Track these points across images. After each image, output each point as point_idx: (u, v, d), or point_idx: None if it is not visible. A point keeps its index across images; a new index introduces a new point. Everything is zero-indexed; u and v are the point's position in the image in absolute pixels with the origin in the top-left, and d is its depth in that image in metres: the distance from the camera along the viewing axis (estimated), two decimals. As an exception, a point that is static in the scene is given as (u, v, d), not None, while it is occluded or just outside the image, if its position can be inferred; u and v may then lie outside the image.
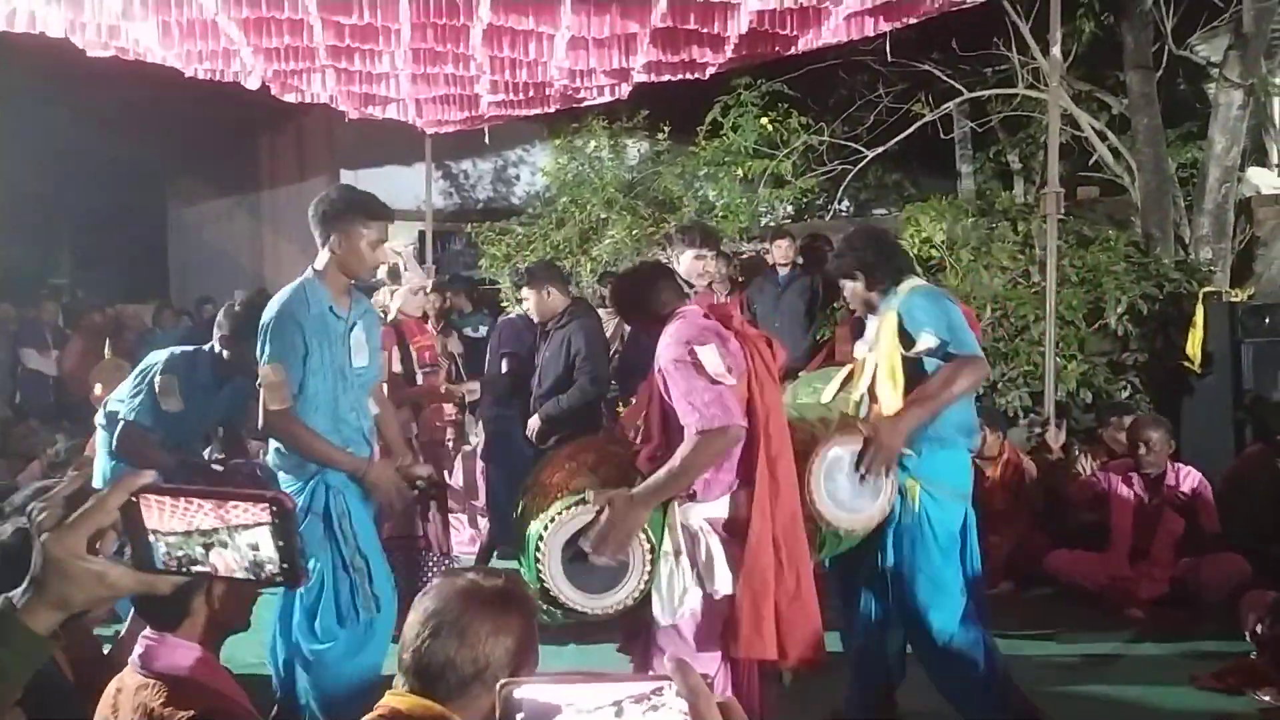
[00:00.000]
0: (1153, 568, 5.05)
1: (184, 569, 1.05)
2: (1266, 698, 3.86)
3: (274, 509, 1.02)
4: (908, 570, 3.36)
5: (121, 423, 4.08)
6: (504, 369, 5.59)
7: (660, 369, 2.79)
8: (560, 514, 2.68)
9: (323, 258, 3.30)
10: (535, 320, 5.17)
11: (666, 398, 2.76)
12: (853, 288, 3.60)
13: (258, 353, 3.25)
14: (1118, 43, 8.57)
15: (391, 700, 1.71)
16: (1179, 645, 4.50)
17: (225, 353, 4.15)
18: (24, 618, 1.03)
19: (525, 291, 5.22)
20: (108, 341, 9.23)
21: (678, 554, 2.73)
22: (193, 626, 2.05)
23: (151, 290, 13.87)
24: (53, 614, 1.04)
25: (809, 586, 2.84)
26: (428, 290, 5.70)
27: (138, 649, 2.00)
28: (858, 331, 4.67)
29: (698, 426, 2.63)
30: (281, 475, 3.35)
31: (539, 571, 2.66)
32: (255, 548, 1.02)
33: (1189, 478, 5.16)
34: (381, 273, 4.80)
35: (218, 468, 4.77)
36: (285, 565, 1.03)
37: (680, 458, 2.64)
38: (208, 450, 5.62)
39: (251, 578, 1.04)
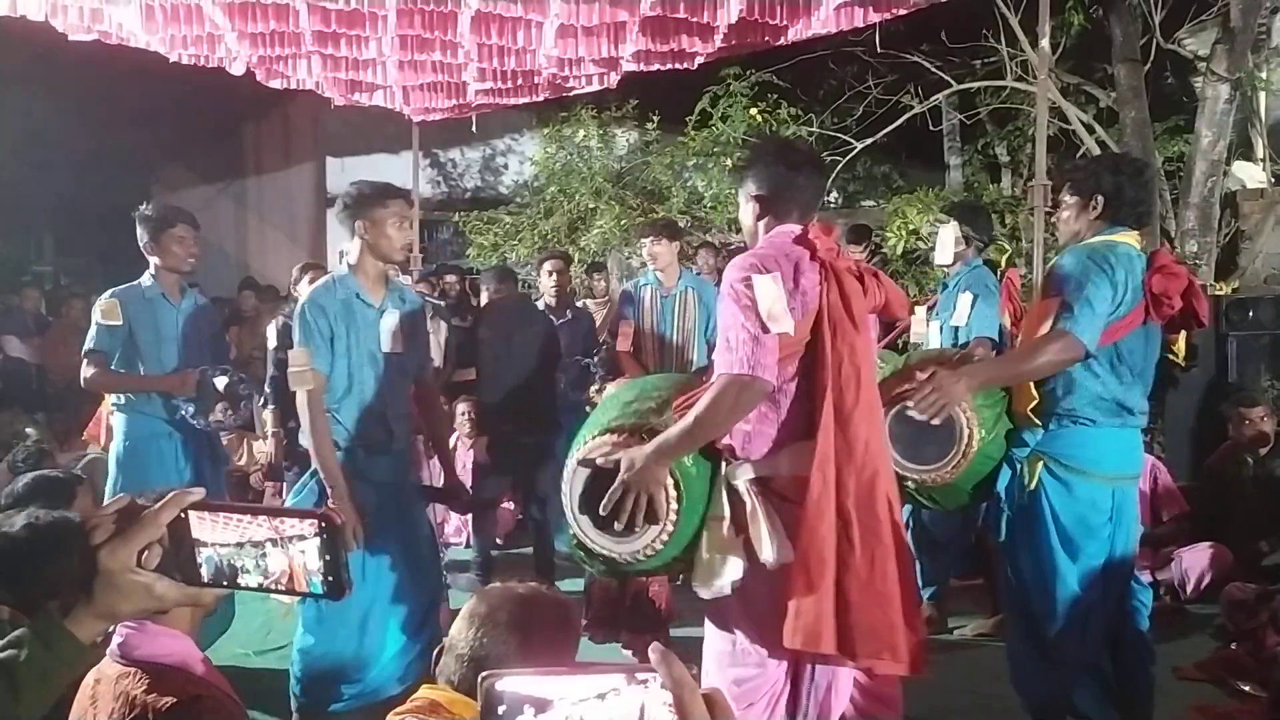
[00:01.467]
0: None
1: (230, 581, 1.10)
2: (1247, 688, 3.89)
3: (322, 524, 1.08)
4: (1014, 549, 3.09)
5: (84, 356, 4.29)
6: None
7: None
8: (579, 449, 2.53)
9: (354, 250, 3.47)
10: None
11: None
12: (1074, 214, 3.11)
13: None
14: (1106, 36, 8.60)
15: (429, 694, 1.75)
16: (1161, 635, 4.52)
17: (150, 257, 4.39)
18: (71, 626, 1.08)
19: None
20: None
21: (719, 518, 2.43)
22: (175, 613, 2.03)
23: (134, 277, 13.74)
24: (98, 624, 1.10)
25: (887, 573, 2.37)
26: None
27: (116, 638, 1.97)
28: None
29: (722, 368, 2.40)
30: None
31: (566, 509, 2.52)
32: (304, 559, 1.08)
33: (1145, 464, 5.18)
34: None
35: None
36: (330, 578, 1.08)
37: (699, 409, 2.39)
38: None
39: (303, 589, 1.10)
